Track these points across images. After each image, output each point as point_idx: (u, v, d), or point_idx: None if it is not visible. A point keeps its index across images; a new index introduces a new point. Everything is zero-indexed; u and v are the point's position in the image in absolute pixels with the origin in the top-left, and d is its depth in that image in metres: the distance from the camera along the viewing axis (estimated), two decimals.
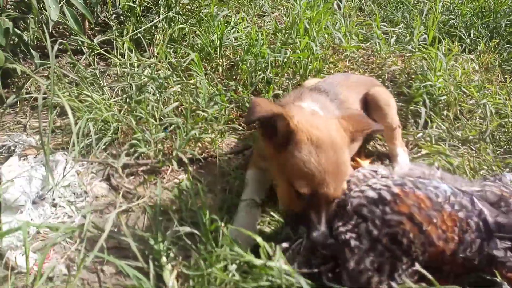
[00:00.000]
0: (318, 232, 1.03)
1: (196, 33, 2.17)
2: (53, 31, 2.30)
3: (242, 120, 1.90)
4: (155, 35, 2.14)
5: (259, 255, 1.05)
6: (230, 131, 1.81)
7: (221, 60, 2.11)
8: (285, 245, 1.06)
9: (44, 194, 1.34)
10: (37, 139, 1.60)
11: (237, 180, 1.59)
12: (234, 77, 2.12)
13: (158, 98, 1.69)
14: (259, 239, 1.07)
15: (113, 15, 2.24)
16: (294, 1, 2.64)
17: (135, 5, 2.06)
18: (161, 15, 2.10)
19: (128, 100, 1.75)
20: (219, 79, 2.09)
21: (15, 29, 1.67)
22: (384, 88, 1.92)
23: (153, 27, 2.18)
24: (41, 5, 1.86)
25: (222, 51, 2.12)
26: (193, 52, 1.95)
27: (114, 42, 1.94)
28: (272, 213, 1.36)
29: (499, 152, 2.01)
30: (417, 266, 0.91)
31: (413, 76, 2.37)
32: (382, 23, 3.00)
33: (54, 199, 1.37)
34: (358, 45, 2.56)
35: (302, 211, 1.11)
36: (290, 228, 1.13)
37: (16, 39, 1.72)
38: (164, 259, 1.18)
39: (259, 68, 1.99)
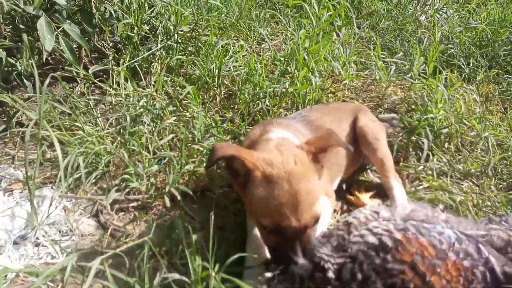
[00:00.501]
0: (297, 264, 1.03)
1: (195, 62, 2.16)
2: (49, 58, 2.28)
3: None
4: (153, 64, 2.12)
5: None
6: None
7: (219, 90, 2.08)
8: (268, 274, 1.03)
9: (27, 234, 1.27)
10: (24, 172, 1.54)
11: (234, 215, 1.52)
12: (231, 106, 2.09)
13: (153, 129, 1.64)
14: None
15: (111, 43, 2.23)
16: (294, 31, 2.64)
17: (133, 34, 2.05)
18: (159, 44, 2.09)
19: (122, 131, 1.70)
20: (216, 109, 2.05)
21: (9, 58, 1.64)
22: (372, 116, 1.89)
23: (151, 56, 2.16)
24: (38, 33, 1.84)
25: (220, 81, 2.09)
26: (191, 81, 1.92)
27: (110, 71, 1.92)
28: None
29: (501, 186, 1.95)
30: None
31: (413, 107, 2.35)
32: (382, 52, 3.01)
33: (37, 238, 1.30)
34: (357, 74, 2.54)
35: (277, 246, 1.12)
36: (275, 262, 1.12)
37: (10, 68, 1.70)
38: None
39: (257, 98, 1.96)
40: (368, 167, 1.92)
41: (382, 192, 1.76)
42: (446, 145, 2.10)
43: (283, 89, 1.93)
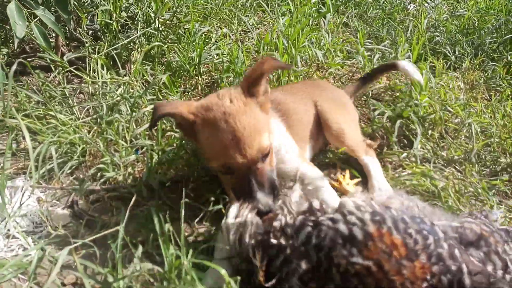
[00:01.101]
0: (257, 199, 1.07)
1: (176, 50, 2.11)
2: (28, 47, 2.22)
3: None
4: (133, 52, 2.07)
5: None
6: None
7: (200, 78, 2.04)
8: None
9: None
10: None
11: (212, 204, 1.50)
12: None
13: (131, 118, 1.60)
14: (223, 272, 0.98)
15: (90, 32, 2.17)
16: (279, 18, 2.60)
17: (111, 21, 1.99)
18: (138, 31, 2.03)
19: (99, 120, 1.66)
20: (198, 98, 2.02)
21: None
22: (330, 91, 1.84)
23: (131, 44, 2.11)
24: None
25: (201, 69, 2.05)
26: (172, 70, 1.88)
27: (87, 59, 1.86)
28: None
29: (485, 172, 1.95)
30: None
31: (397, 94, 2.33)
32: (368, 40, 2.98)
33: (8, 230, 1.27)
34: (343, 62, 2.52)
35: (236, 185, 1.16)
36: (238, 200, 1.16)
37: None
38: None
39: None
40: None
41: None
42: (430, 132, 2.10)
43: None
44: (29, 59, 1.84)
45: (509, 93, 2.51)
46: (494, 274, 0.90)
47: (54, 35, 2.01)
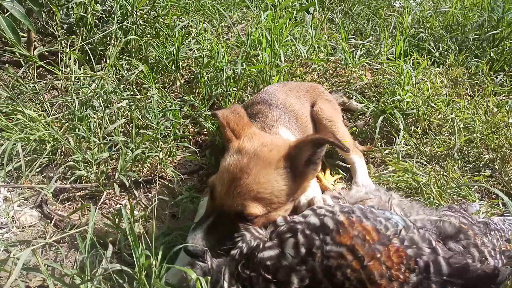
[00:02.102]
0: (193, 236, 1.03)
1: (153, 45, 2.05)
2: None
3: (199, 136, 1.79)
4: (109, 47, 2.00)
5: None
6: (184, 149, 1.68)
7: (178, 74, 1.99)
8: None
9: None
10: None
11: (189, 203, 1.46)
12: (193, 91, 2.00)
13: (103, 114, 1.54)
14: (194, 276, 0.94)
15: (65, 25, 2.09)
16: (261, 12, 2.56)
17: (86, 15, 1.92)
18: (115, 25, 1.97)
19: (70, 116, 1.60)
20: (176, 93, 1.96)
21: None
22: (326, 94, 1.89)
23: (107, 38, 2.04)
24: None
25: (179, 64, 1.99)
26: (147, 64, 1.82)
27: (60, 54, 1.79)
28: None
29: (467, 168, 1.94)
30: None
31: (381, 90, 2.31)
32: (353, 36, 2.96)
33: None
34: (327, 58, 2.49)
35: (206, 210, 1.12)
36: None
37: None
38: None
39: (218, 81, 1.88)
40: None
41: (350, 178, 1.73)
42: (413, 128, 2.08)
43: (241, 70, 1.85)
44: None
45: (492, 89, 2.51)
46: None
47: (26, 29, 1.93)
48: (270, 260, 0.86)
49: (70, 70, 1.74)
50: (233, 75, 1.92)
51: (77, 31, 2.05)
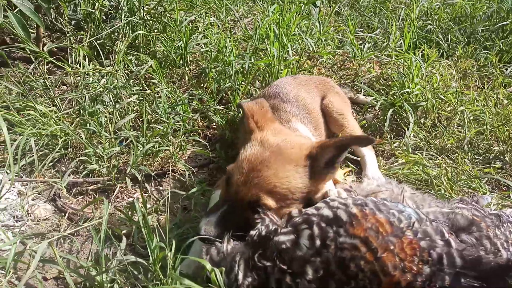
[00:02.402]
0: (207, 220, 1.03)
1: (161, 40, 2.05)
2: (8, 38, 2.15)
3: (208, 130, 1.79)
4: (117, 42, 2.01)
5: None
6: (193, 143, 1.69)
7: (186, 68, 1.99)
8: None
9: None
10: None
11: (201, 196, 1.46)
12: (202, 85, 2.01)
13: (113, 109, 1.55)
14: (209, 266, 0.95)
15: (73, 21, 2.10)
16: (268, 6, 2.55)
17: (93, 10, 1.93)
18: (122, 21, 1.97)
19: (81, 111, 1.61)
20: (184, 88, 1.97)
21: None
22: (336, 88, 1.90)
23: (115, 34, 2.05)
24: None
25: (187, 58, 2.00)
26: (156, 59, 1.83)
27: (69, 49, 1.80)
28: None
29: (477, 160, 1.93)
30: None
31: (389, 83, 2.30)
32: (360, 29, 2.94)
33: None
34: (334, 51, 2.48)
35: (222, 198, 1.13)
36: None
37: None
38: None
39: (226, 75, 1.88)
40: None
41: (360, 171, 1.73)
42: (422, 120, 2.07)
43: (250, 64, 1.85)
44: (6, 50, 1.76)
45: (502, 80, 2.49)
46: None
47: (35, 25, 1.94)
48: (285, 244, 0.87)
49: (80, 65, 1.75)
50: (241, 69, 1.91)
51: (85, 27, 2.06)
